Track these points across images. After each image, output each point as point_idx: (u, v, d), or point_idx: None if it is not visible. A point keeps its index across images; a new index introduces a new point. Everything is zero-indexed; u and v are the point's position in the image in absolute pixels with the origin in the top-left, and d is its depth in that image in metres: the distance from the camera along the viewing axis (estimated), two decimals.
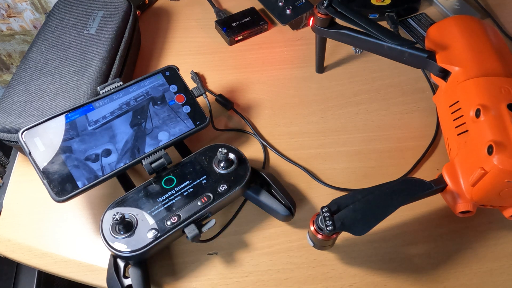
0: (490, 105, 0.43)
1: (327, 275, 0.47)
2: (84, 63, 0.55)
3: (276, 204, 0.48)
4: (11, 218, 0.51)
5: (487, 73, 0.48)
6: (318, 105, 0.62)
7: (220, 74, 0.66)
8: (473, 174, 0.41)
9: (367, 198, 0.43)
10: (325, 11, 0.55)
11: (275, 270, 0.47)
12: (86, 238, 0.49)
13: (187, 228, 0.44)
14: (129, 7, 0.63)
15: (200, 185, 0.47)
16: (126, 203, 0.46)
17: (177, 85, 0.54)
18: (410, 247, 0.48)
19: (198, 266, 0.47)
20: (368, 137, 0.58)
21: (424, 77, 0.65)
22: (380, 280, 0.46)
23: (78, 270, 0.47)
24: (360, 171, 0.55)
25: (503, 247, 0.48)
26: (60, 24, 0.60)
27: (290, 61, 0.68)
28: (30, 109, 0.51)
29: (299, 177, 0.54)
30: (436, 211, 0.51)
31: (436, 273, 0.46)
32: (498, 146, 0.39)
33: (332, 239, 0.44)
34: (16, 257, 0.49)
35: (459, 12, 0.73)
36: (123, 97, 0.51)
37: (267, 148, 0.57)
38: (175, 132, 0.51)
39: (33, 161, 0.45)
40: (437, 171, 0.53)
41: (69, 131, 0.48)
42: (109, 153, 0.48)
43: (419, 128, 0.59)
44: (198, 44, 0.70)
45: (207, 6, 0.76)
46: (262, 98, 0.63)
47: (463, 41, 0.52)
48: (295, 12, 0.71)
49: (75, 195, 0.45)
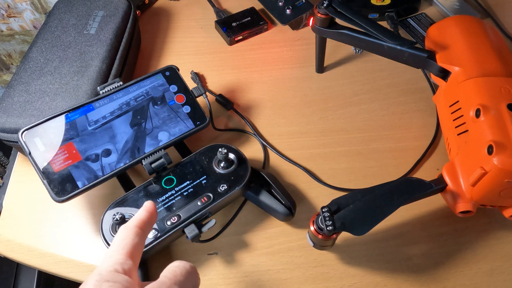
0: (490, 105, 0.43)
1: (327, 275, 0.47)
2: (84, 63, 0.55)
3: (276, 204, 0.48)
4: (11, 218, 0.51)
5: (487, 73, 0.48)
6: (318, 105, 0.62)
7: (220, 74, 0.66)
8: (473, 174, 0.41)
9: (367, 198, 0.43)
10: (325, 11, 0.55)
11: (275, 270, 0.47)
12: (86, 238, 0.49)
13: (187, 228, 0.44)
14: (129, 7, 0.63)
15: (200, 185, 0.47)
16: (126, 203, 0.46)
17: (177, 85, 0.54)
18: (410, 247, 0.48)
19: (198, 266, 0.47)
20: (368, 137, 0.58)
21: (424, 77, 0.65)
22: (380, 280, 0.46)
23: (78, 270, 0.47)
24: (360, 171, 0.55)
25: (503, 247, 0.48)
26: (60, 24, 0.60)
27: (290, 61, 0.68)
28: (30, 109, 0.51)
29: (299, 177, 0.54)
30: (436, 211, 0.51)
31: (436, 273, 0.46)
32: (498, 146, 0.39)
33: (332, 239, 0.44)
34: (16, 257, 0.49)
35: (459, 12, 0.73)
36: (123, 97, 0.51)
37: (267, 148, 0.57)
38: (175, 132, 0.51)
39: (33, 161, 0.45)
40: (437, 171, 0.53)
41: (69, 131, 0.48)
42: (109, 153, 0.48)
43: (419, 128, 0.59)
44: (198, 44, 0.70)
45: (207, 6, 0.76)
46: (262, 98, 0.63)
47: (463, 41, 0.52)
48: (295, 12, 0.71)
49: (75, 195, 0.45)
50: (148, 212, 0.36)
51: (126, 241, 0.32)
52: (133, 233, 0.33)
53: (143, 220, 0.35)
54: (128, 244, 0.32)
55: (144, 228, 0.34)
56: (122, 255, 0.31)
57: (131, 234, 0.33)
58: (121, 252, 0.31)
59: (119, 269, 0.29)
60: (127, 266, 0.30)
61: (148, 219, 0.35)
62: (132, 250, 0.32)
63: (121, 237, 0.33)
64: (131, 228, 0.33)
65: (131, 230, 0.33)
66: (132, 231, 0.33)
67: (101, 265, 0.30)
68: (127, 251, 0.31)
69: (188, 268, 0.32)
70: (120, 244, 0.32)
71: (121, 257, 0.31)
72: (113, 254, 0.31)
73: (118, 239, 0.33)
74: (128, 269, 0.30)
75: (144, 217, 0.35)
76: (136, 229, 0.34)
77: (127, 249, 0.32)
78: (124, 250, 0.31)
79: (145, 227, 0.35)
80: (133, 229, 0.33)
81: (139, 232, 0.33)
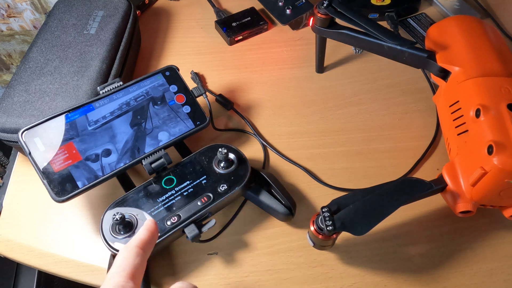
0: (490, 105, 0.43)
1: (327, 275, 0.47)
2: (84, 63, 0.55)
3: (276, 204, 0.48)
4: (11, 218, 0.51)
5: (487, 73, 0.48)
6: (318, 105, 0.62)
7: (220, 74, 0.66)
8: (473, 174, 0.41)
9: (367, 198, 0.43)
10: (325, 11, 0.55)
11: (275, 270, 0.47)
12: (86, 238, 0.49)
13: (187, 228, 0.44)
14: (129, 7, 0.63)
15: (200, 185, 0.47)
16: (126, 203, 0.46)
17: (177, 85, 0.54)
18: (410, 247, 0.48)
19: (198, 266, 0.47)
20: (368, 137, 0.58)
21: (424, 77, 0.65)
22: (380, 280, 0.46)
23: (78, 270, 0.47)
24: (360, 171, 0.55)
25: (503, 247, 0.48)
26: (60, 24, 0.60)
27: (290, 61, 0.68)
28: (30, 109, 0.51)
29: (299, 177, 0.54)
30: (436, 211, 0.51)
31: (436, 273, 0.46)
32: (498, 146, 0.39)
33: (332, 239, 0.44)
34: (16, 257, 0.49)
35: (459, 12, 0.73)
36: (123, 97, 0.51)
37: (267, 148, 0.57)
38: (175, 132, 0.51)
39: (33, 161, 0.45)
40: (437, 171, 0.53)
41: (69, 131, 0.48)
42: (109, 153, 0.48)
43: (419, 128, 0.59)
44: (198, 44, 0.70)
45: (207, 6, 0.76)
46: (262, 98, 0.63)
47: (463, 41, 0.52)
48: (295, 12, 0.71)
49: (75, 195, 0.45)
50: (149, 232, 0.36)
51: (127, 262, 0.32)
52: (134, 253, 0.33)
53: (144, 240, 0.35)
54: (129, 265, 0.32)
55: (145, 248, 0.34)
56: (123, 277, 0.31)
57: (132, 255, 0.33)
58: (122, 274, 0.31)
59: None
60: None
61: (149, 238, 0.36)
62: (133, 271, 0.32)
63: (122, 258, 0.33)
64: (132, 249, 0.34)
65: (132, 250, 0.34)
66: (134, 251, 0.33)
67: (102, 287, 0.30)
68: (128, 272, 0.31)
69: None
70: (121, 265, 0.32)
71: (122, 279, 0.31)
72: (113, 276, 0.31)
73: (119, 259, 0.33)
74: None
75: (145, 237, 0.35)
76: (137, 250, 0.34)
77: (128, 270, 0.32)
78: (125, 272, 0.31)
79: (146, 247, 0.35)
80: (134, 249, 0.34)
81: (140, 253, 0.34)
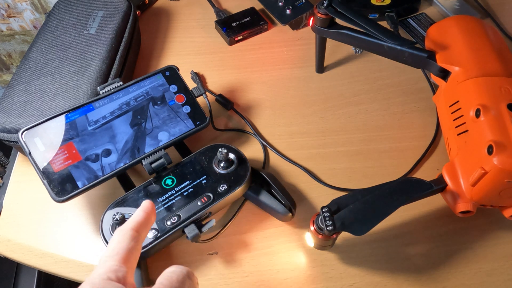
0: (490, 105, 0.43)
1: (327, 275, 0.47)
2: (84, 63, 0.55)
3: (276, 204, 0.48)
4: (11, 218, 0.51)
5: (487, 73, 0.48)
6: (318, 105, 0.62)
7: (220, 74, 0.66)
8: (473, 174, 0.41)
9: (367, 198, 0.43)
10: (325, 11, 0.55)
11: (275, 270, 0.47)
12: (86, 238, 0.49)
13: (187, 228, 0.44)
14: (129, 7, 0.63)
15: (200, 185, 0.47)
16: (126, 203, 0.46)
17: (177, 85, 0.54)
18: (410, 247, 0.48)
19: (198, 266, 0.47)
20: (368, 137, 0.58)
21: (424, 77, 0.65)
22: (380, 280, 0.46)
23: (78, 270, 0.47)
24: (360, 171, 0.55)
25: (503, 247, 0.48)
26: (60, 24, 0.60)
27: (290, 61, 0.68)
28: (30, 109, 0.51)
29: (299, 177, 0.54)
30: (436, 211, 0.51)
31: (436, 273, 0.46)
32: (498, 146, 0.39)
33: (332, 239, 0.44)
34: (16, 257, 0.49)
35: (459, 12, 0.73)
36: (123, 97, 0.51)
37: (267, 148, 0.57)
38: (175, 132, 0.51)
39: (33, 161, 0.45)
40: (437, 171, 0.53)
41: (69, 131, 0.48)
42: (109, 153, 0.48)
43: (419, 128, 0.59)
44: (198, 44, 0.70)
45: (207, 6, 0.76)
46: (262, 98, 0.63)
47: (463, 41, 0.52)
48: (295, 12, 0.71)
49: (75, 195, 0.45)
50: (145, 213, 0.34)
51: (120, 245, 0.30)
52: (128, 236, 0.31)
53: (140, 222, 0.33)
54: (123, 248, 0.30)
55: (140, 230, 0.33)
56: (116, 261, 0.29)
57: (126, 238, 0.31)
58: (115, 258, 0.29)
59: (112, 276, 0.28)
60: (121, 273, 0.28)
61: (145, 220, 0.34)
62: (127, 255, 0.30)
63: (115, 241, 0.31)
64: (127, 231, 0.32)
65: (127, 233, 0.32)
66: (128, 234, 0.31)
67: (94, 272, 0.29)
68: (122, 256, 0.30)
69: (185, 273, 0.30)
70: (115, 249, 0.30)
71: (115, 263, 0.29)
72: (106, 260, 0.29)
73: (113, 243, 0.31)
74: (122, 276, 0.28)
75: (141, 218, 0.33)
76: (132, 232, 0.32)
77: (122, 254, 0.30)
78: (118, 256, 0.30)
79: (142, 229, 0.33)
80: (128, 232, 0.32)
81: (135, 235, 0.32)
